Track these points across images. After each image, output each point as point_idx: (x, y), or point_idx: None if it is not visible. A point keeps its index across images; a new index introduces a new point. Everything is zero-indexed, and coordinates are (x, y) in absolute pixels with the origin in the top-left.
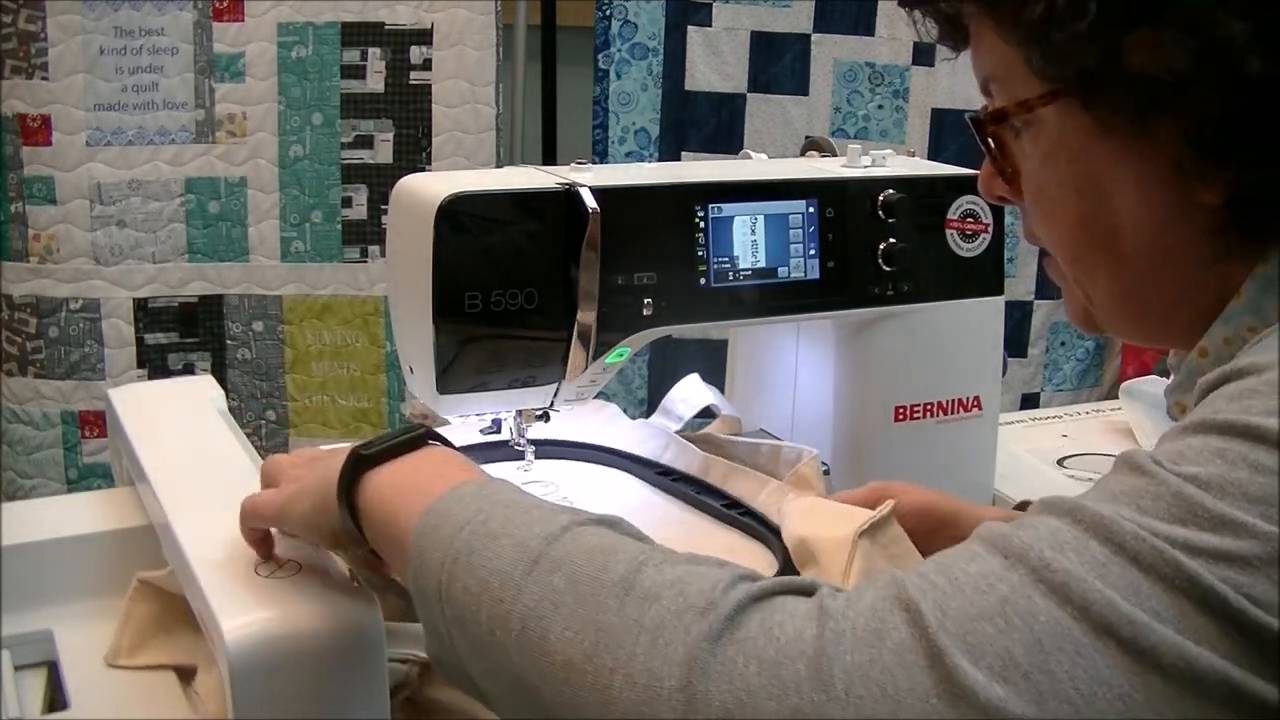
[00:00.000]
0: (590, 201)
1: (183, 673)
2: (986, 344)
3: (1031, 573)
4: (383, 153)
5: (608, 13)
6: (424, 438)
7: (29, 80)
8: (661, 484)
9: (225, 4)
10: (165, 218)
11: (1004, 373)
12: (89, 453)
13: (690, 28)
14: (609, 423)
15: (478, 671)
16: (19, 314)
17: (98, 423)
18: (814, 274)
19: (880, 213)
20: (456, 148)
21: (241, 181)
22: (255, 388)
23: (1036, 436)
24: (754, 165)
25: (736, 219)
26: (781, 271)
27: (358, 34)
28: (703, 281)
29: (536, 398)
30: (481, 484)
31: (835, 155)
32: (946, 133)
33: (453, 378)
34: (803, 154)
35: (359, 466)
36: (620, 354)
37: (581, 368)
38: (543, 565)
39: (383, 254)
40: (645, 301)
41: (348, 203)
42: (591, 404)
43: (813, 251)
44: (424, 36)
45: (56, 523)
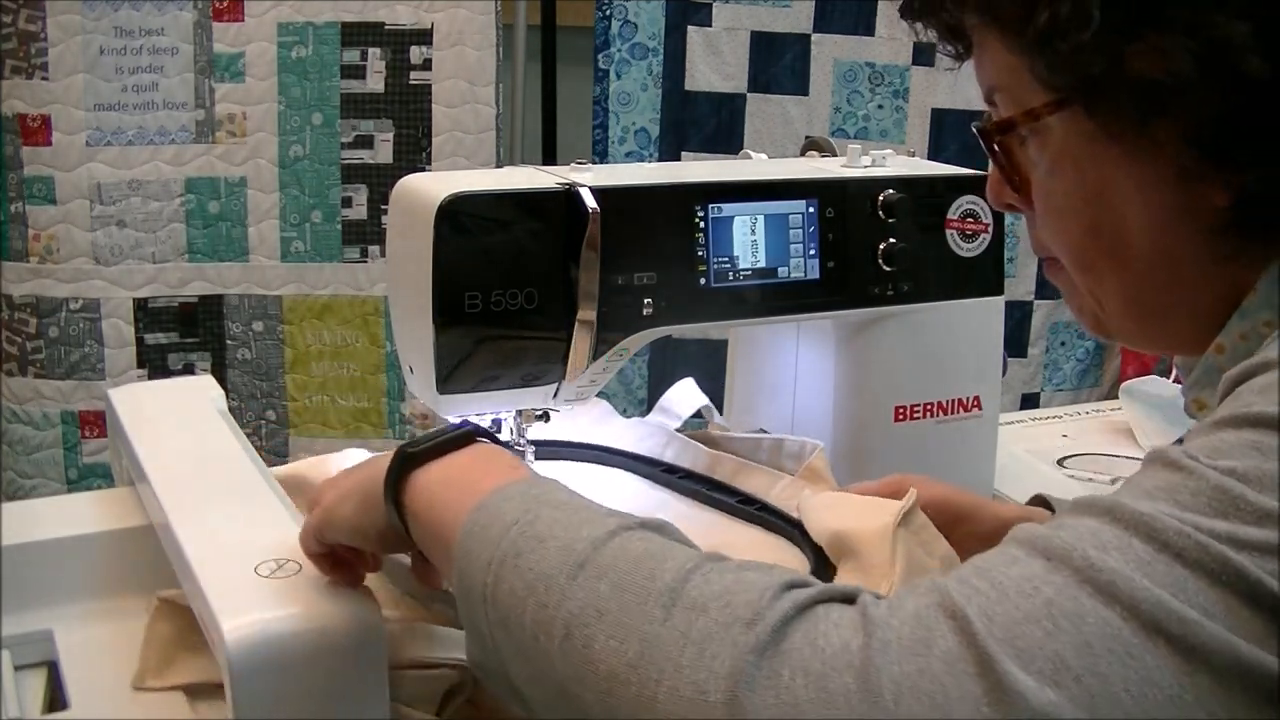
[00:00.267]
0: (590, 201)
1: (192, 690)
2: (986, 344)
3: (1076, 574)
4: (383, 153)
5: (608, 13)
6: (472, 435)
7: (29, 80)
8: (670, 483)
9: (225, 4)
10: (165, 218)
11: (1004, 373)
12: (89, 453)
13: (690, 28)
14: (602, 421)
15: (521, 677)
16: (19, 314)
17: (98, 423)
18: (814, 274)
19: (880, 213)
20: (456, 148)
21: (241, 181)
22: (255, 388)
23: (1036, 436)
24: (754, 165)
25: (736, 219)
26: (781, 271)
27: (358, 34)
28: (703, 281)
29: (536, 398)
30: (530, 483)
31: (835, 155)
32: (946, 132)
33: (453, 378)
34: (803, 154)
35: (406, 464)
36: (621, 353)
37: (582, 368)
38: (588, 570)
39: (383, 254)
40: (645, 301)
41: (348, 203)
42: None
43: (813, 251)
44: (424, 36)
45: (56, 523)
